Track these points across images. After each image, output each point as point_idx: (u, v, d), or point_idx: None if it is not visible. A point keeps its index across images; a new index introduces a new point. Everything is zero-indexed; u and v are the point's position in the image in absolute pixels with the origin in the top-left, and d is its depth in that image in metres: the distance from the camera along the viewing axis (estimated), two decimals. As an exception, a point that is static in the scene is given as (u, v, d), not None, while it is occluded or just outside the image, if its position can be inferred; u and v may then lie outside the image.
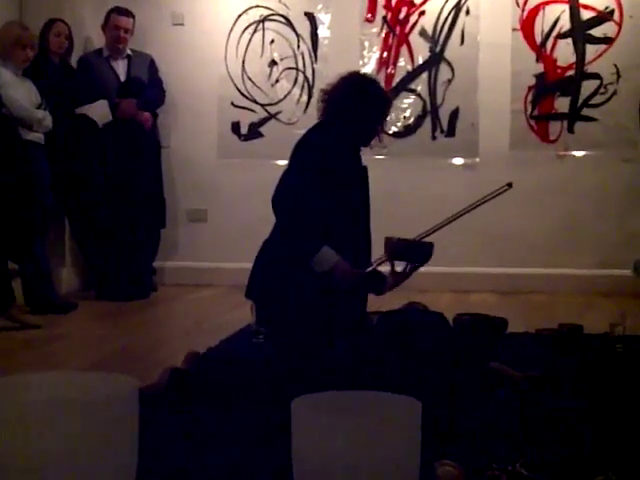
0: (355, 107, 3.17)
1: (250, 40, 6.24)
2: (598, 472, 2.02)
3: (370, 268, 3.19)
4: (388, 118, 3.56)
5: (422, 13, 6.07)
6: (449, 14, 6.04)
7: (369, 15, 6.12)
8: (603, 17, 5.90)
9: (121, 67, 5.82)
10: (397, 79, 6.10)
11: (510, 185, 3.29)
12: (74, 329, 4.52)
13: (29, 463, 1.41)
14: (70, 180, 5.49)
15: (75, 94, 5.51)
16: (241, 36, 6.25)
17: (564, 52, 5.95)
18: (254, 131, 6.28)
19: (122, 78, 5.78)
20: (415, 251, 3.22)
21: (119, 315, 4.96)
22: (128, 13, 5.83)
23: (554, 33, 5.95)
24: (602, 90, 5.91)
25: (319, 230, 3.02)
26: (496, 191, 3.25)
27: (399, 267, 3.26)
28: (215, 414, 2.60)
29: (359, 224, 3.28)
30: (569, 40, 5.94)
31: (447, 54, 6.06)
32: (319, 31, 6.21)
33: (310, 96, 6.17)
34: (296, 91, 6.22)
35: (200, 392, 2.78)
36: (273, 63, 6.25)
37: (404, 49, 6.11)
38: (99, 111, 5.56)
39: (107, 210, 5.59)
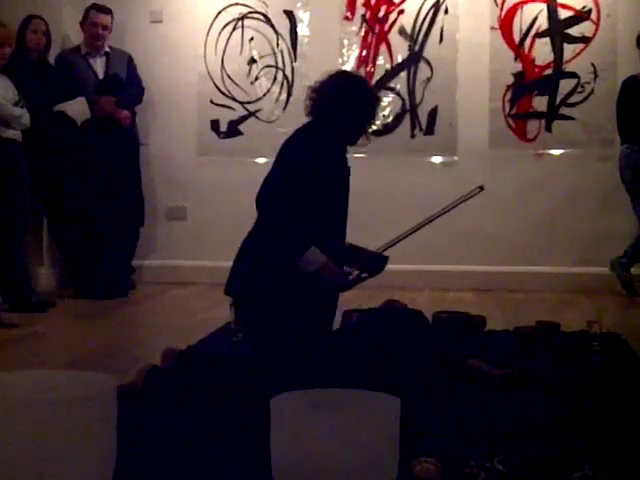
0: (345, 106, 3.16)
1: (229, 38, 6.23)
2: (575, 469, 2.04)
3: None
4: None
5: (401, 12, 6.08)
6: (428, 13, 6.05)
7: (348, 13, 6.13)
8: (581, 16, 5.93)
9: (99, 64, 5.78)
10: (376, 77, 6.10)
11: (482, 188, 3.29)
12: (52, 327, 4.50)
13: (6, 460, 1.41)
14: (48, 178, 5.45)
15: (53, 91, 5.47)
16: (220, 33, 6.23)
17: (542, 51, 5.98)
18: (233, 129, 6.27)
19: (100, 75, 5.75)
20: (368, 261, 3.17)
21: (97, 313, 4.93)
22: (106, 10, 5.79)
23: (532, 32, 5.97)
24: (579, 89, 5.94)
25: (306, 231, 3.00)
26: (467, 195, 3.25)
27: (350, 273, 3.15)
28: (193, 412, 2.59)
29: (340, 224, 3.27)
30: (547, 39, 5.97)
31: (426, 53, 6.07)
32: (298, 29, 6.20)
33: (289, 94, 6.17)
34: (275, 89, 6.21)
35: (178, 390, 2.77)
36: (252, 61, 6.23)
37: (383, 47, 6.11)
38: (77, 108, 5.53)
39: (85, 208, 5.56)
